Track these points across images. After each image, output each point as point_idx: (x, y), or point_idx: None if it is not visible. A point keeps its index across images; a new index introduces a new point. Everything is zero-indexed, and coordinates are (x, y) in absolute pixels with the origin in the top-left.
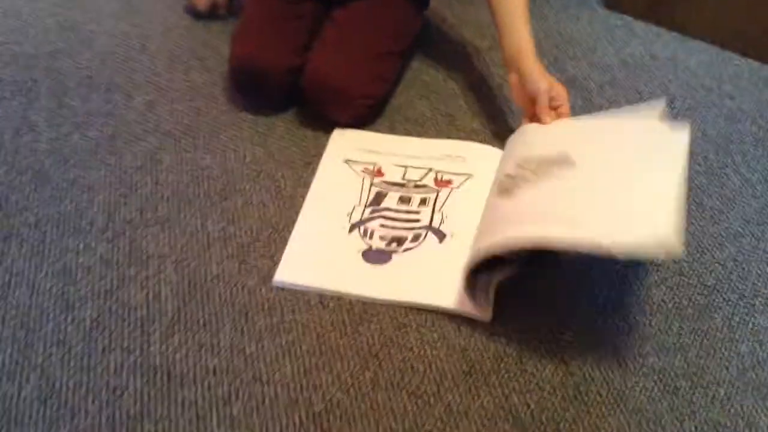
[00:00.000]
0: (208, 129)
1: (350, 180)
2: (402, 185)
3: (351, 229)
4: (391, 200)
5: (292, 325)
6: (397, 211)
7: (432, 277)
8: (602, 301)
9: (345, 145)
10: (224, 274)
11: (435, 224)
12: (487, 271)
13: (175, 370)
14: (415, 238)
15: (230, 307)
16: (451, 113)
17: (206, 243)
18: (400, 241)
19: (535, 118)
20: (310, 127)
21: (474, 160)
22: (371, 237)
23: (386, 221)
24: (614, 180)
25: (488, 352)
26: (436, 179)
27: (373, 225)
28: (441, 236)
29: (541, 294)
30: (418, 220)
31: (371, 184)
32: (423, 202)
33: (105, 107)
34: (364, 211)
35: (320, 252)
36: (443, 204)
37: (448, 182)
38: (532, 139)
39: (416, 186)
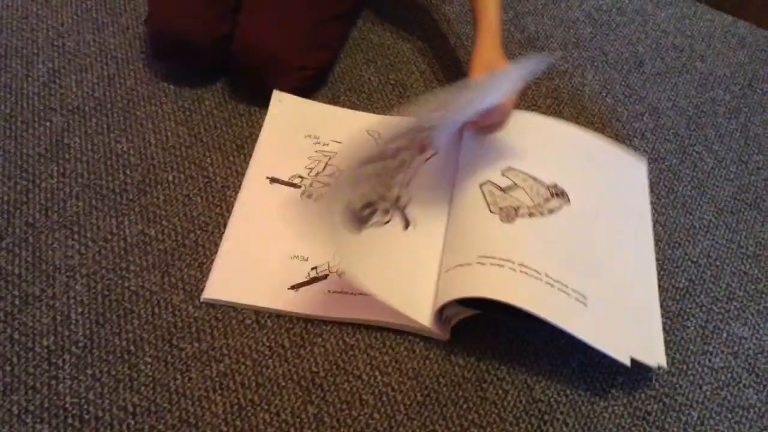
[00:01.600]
0: (123, 104)
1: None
2: None
3: None
4: None
5: (224, 352)
6: None
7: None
8: None
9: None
10: (144, 290)
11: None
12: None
13: (89, 413)
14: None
15: (152, 330)
16: (401, 81)
17: (123, 250)
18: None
19: None
20: (243, 101)
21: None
22: None
23: None
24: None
25: (445, 377)
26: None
27: None
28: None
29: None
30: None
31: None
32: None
33: (1, 78)
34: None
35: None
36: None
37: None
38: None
39: None
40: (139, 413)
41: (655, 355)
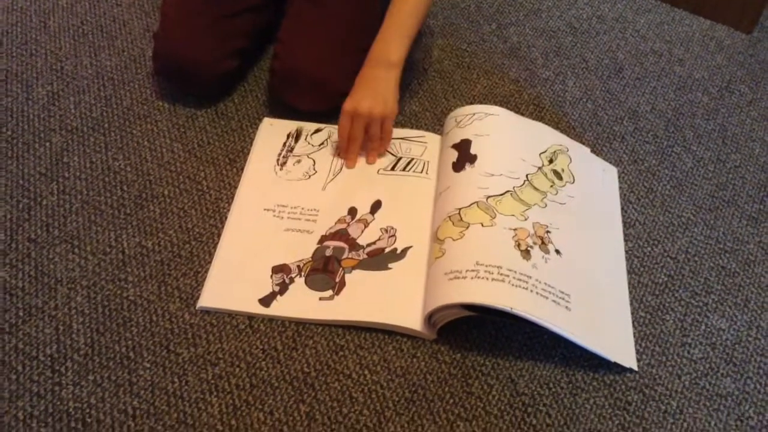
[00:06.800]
0: (119, 123)
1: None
2: None
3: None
4: None
5: (219, 356)
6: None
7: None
8: None
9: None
10: (142, 299)
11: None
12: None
13: (91, 416)
14: None
15: (150, 337)
16: None
17: (121, 262)
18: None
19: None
20: (234, 118)
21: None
22: None
23: None
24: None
25: (432, 374)
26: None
27: None
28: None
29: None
30: None
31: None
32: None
33: (2, 102)
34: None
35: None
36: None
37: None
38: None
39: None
40: (138, 416)
41: (627, 357)
